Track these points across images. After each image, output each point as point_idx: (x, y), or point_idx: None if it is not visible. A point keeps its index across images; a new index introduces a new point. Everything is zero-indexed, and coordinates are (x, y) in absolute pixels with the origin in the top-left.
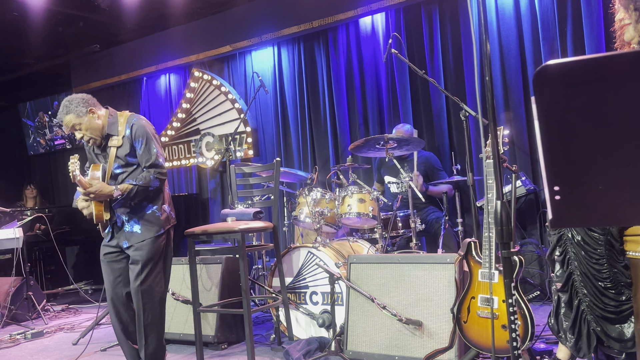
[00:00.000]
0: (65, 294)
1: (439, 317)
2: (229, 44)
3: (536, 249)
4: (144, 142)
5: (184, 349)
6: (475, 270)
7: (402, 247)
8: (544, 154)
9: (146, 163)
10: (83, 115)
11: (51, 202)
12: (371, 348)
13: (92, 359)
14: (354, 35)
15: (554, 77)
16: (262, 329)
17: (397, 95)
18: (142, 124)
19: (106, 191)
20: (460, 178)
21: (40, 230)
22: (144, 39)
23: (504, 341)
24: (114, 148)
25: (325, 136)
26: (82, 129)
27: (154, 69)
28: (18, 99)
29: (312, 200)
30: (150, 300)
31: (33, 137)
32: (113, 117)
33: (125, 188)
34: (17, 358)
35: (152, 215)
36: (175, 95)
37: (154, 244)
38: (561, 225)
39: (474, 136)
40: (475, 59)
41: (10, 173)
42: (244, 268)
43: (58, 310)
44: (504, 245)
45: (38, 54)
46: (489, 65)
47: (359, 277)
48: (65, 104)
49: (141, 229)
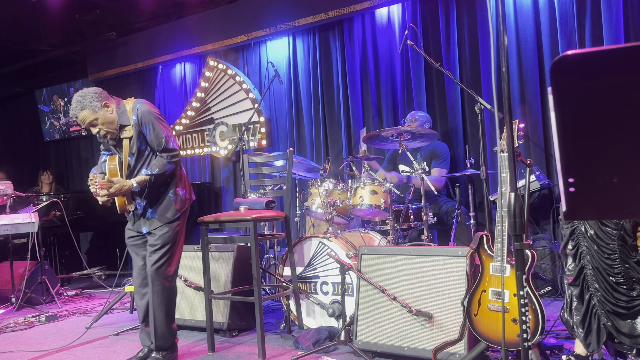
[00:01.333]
0: (79, 279)
1: (449, 309)
2: (244, 34)
3: (549, 244)
4: (151, 127)
5: (195, 335)
6: (487, 263)
7: (413, 239)
8: (559, 146)
9: (158, 148)
10: (98, 110)
11: (66, 188)
12: (380, 339)
13: (105, 342)
14: (369, 26)
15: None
16: (272, 318)
17: (412, 87)
18: (146, 109)
19: (125, 188)
20: (473, 172)
21: (55, 216)
22: (159, 27)
23: (514, 335)
24: (126, 140)
25: (339, 127)
26: (99, 124)
27: (169, 57)
28: (34, 85)
29: (324, 191)
30: (163, 282)
31: (49, 124)
32: (121, 107)
33: (143, 180)
34: (31, 340)
35: (168, 200)
36: (190, 84)
37: (169, 228)
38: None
39: (488, 130)
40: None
41: (26, 159)
42: (255, 256)
43: (71, 295)
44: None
45: (54, 41)
46: (506, 56)
47: (369, 268)
48: (79, 100)
49: (158, 215)
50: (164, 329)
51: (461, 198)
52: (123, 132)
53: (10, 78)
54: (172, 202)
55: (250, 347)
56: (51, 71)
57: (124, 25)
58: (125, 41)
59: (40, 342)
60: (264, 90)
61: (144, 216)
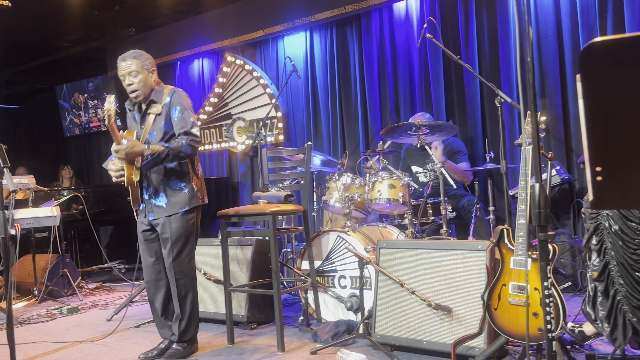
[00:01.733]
0: (99, 272)
1: (468, 303)
2: (261, 29)
3: (569, 239)
4: (180, 110)
5: (215, 328)
6: (507, 257)
7: (431, 233)
8: (587, 134)
9: (180, 130)
10: (146, 69)
11: (86, 182)
12: (399, 332)
13: (125, 334)
14: (387, 20)
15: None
16: (290, 311)
17: (430, 81)
18: (181, 95)
19: (138, 149)
20: (493, 166)
21: (77, 210)
22: (178, 23)
23: (535, 329)
24: (152, 115)
25: (356, 122)
26: (137, 79)
27: (187, 53)
28: (55, 81)
29: (342, 185)
30: (182, 275)
31: (69, 119)
32: (160, 87)
33: (157, 149)
34: (54, 332)
35: (179, 191)
36: (208, 79)
37: (180, 221)
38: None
39: (508, 123)
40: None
41: (47, 153)
42: (274, 250)
43: (92, 288)
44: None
45: (75, 38)
46: (531, 46)
47: (388, 262)
48: (135, 52)
49: (166, 203)
50: (185, 321)
51: (480, 192)
52: (152, 107)
53: (31, 74)
54: (184, 194)
55: (269, 340)
56: (71, 67)
57: (143, 21)
58: (144, 37)
59: (62, 334)
60: (281, 85)
61: (151, 202)
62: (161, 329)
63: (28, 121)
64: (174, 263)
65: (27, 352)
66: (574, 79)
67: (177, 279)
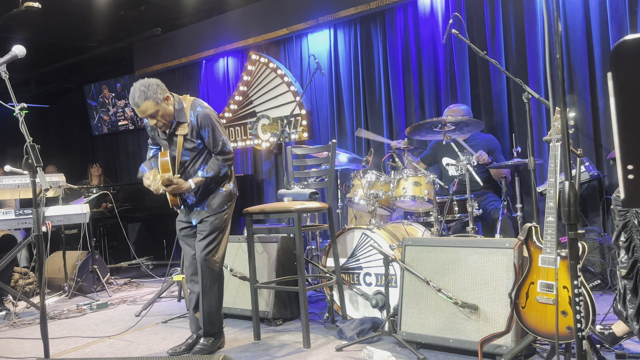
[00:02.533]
0: (127, 269)
1: (495, 301)
2: (285, 27)
3: (598, 236)
4: (210, 130)
5: (241, 323)
6: (536, 255)
7: (457, 231)
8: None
9: (214, 150)
10: (161, 102)
11: (114, 180)
12: (425, 330)
13: (153, 329)
14: (412, 16)
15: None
16: (315, 308)
17: (456, 77)
18: (207, 113)
19: (184, 188)
20: (520, 161)
21: (106, 208)
22: (203, 22)
23: (563, 327)
24: (181, 137)
25: (380, 119)
26: (158, 116)
27: (212, 52)
28: (83, 81)
29: (366, 182)
30: (211, 269)
31: (97, 118)
32: (179, 104)
33: (199, 181)
34: (84, 327)
35: (217, 193)
36: (232, 78)
37: (217, 218)
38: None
39: (535, 119)
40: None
41: (75, 152)
42: (299, 247)
43: (121, 284)
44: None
45: (102, 38)
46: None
47: (413, 260)
48: (142, 90)
49: (207, 206)
50: (212, 316)
51: (507, 189)
52: (179, 128)
53: (60, 74)
54: (221, 194)
55: (294, 336)
56: (99, 67)
57: (168, 21)
58: (169, 37)
59: (92, 329)
60: (305, 83)
61: (195, 208)
62: (192, 323)
63: (57, 120)
64: (206, 257)
65: (58, 347)
66: (603, 75)
67: (206, 273)
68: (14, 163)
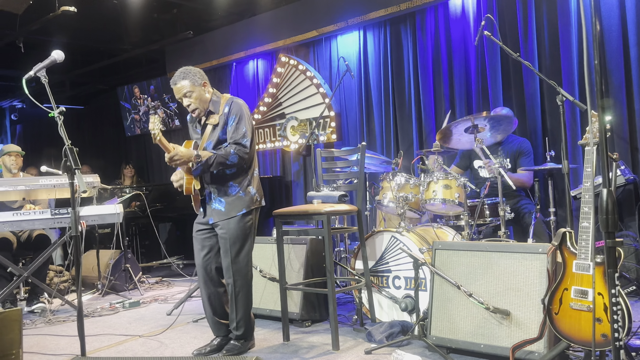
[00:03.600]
0: (159, 268)
1: (528, 307)
2: (315, 29)
3: (633, 241)
4: (236, 119)
5: (270, 324)
6: (570, 261)
7: (488, 235)
8: None
9: (231, 139)
10: (198, 85)
11: (146, 180)
12: (456, 335)
13: (184, 328)
14: (442, 18)
15: None
16: (344, 310)
17: (487, 79)
18: (240, 104)
19: (185, 155)
20: (553, 165)
21: (136, 207)
22: (233, 25)
23: (598, 334)
24: (210, 126)
25: (410, 121)
26: (192, 98)
27: (242, 54)
28: (116, 82)
29: (395, 185)
30: (240, 275)
31: (130, 119)
32: (217, 97)
33: (205, 154)
34: (117, 325)
35: (236, 196)
36: (262, 80)
37: (238, 223)
38: None
39: (569, 122)
40: (585, 39)
41: (109, 153)
42: (328, 249)
43: (152, 283)
44: (609, 235)
45: (135, 40)
46: (598, 47)
47: (444, 264)
48: (183, 71)
49: (225, 207)
50: (244, 319)
51: (540, 193)
52: (210, 118)
53: (94, 76)
54: (242, 197)
55: (323, 338)
56: (132, 69)
57: (200, 23)
58: (201, 39)
59: (125, 327)
60: (334, 84)
61: (211, 206)
62: (213, 326)
63: (91, 121)
64: (232, 263)
65: (92, 344)
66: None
67: (234, 279)
68: (49, 163)
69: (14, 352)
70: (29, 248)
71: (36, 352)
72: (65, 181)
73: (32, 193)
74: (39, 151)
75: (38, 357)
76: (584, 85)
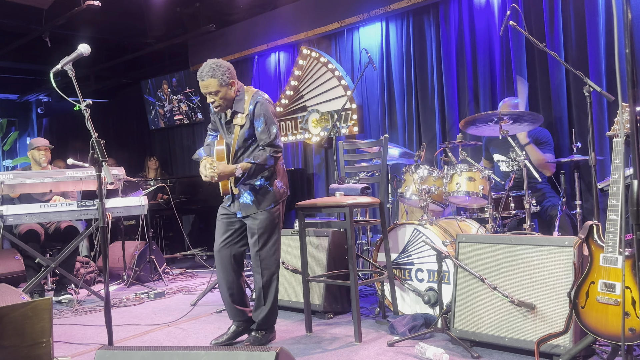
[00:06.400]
0: (183, 259)
1: (553, 301)
2: (337, 21)
3: None
4: (264, 121)
5: (292, 315)
6: (597, 254)
7: (513, 228)
8: None
9: (263, 142)
10: (225, 85)
11: (170, 173)
12: (480, 328)
13: (208, 319)
14: (466, 8)
15: None
16: (366, 302)
17: (512, 69)
18: (265, 104)
19: (228, 171)
20: (580, 157)
21: (162, 200)
22: (255, 18)
23: (625, 328)
24: (237, 127)
25: (432, 113)
26: (217, 96)
27: (264, 47)
28: (140, 76)
29: (418, 177)
30: (267, 266)
31: (154, 112)
32: (240, 94)
33: (245, 167)
34: (142, 315)
35: (265, 189)
36: (284, 72)
37: (267, 215)
38: None
39: (596, 113)
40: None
41: (133, 145)
42: (351, 241)
43: (176, 274)
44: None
45: (158, 34)
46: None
47: (467, 257)
48: (213, 67)
49: (253, 201)
50: (268, 310)
51: (566, 185)
52: (236, 118)
53: (118, 70)
54: (269, 192)
55: (346, 330)
56: (155, 63)
57: (222, 17)
58: (223, 33)
59: (150, 317)
60: (356, 76)
61: (240, 200)
62: (230, 311)
63: (116, 114)
64: (259, 254)
65: (118, 334)
66: None
67: (262, 269)
68: (75, 156)
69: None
70: (57, 239)
71: (64, 342)
72: (91, 173)
73: (59, 185)
74: (64, 144)
75: (66, 346)
76: (612, 75)
